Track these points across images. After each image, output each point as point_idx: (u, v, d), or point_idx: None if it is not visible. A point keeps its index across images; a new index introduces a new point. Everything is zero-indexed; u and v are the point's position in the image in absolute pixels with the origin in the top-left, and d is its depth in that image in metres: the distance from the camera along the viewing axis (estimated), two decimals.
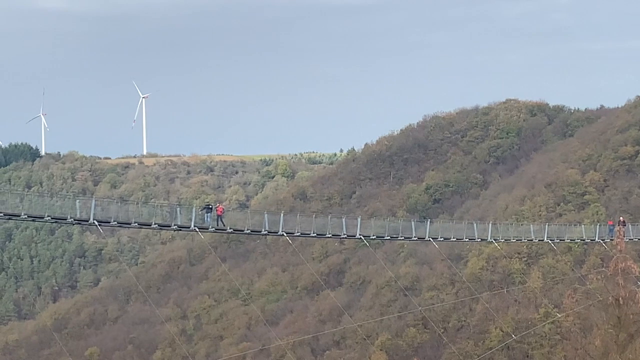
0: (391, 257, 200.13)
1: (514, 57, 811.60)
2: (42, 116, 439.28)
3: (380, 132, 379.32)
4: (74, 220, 67.76)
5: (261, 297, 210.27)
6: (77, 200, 69.56)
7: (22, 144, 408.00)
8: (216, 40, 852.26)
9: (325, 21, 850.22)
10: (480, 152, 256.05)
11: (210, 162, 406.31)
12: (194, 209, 75.15)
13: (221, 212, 76.65)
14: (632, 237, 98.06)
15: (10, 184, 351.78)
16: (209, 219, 75.21)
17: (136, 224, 72.24)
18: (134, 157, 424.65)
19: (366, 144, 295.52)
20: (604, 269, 67.06)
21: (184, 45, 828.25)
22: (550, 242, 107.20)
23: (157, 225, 73.47)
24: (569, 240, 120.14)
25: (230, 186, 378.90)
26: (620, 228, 69.21)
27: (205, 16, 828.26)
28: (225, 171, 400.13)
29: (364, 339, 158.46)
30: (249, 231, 79.52)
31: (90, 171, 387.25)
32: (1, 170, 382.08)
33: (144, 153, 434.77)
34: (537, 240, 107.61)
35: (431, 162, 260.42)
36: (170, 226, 74.50)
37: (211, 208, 76.09)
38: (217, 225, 75.85)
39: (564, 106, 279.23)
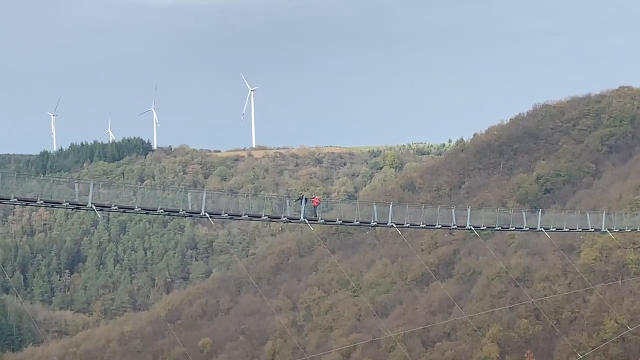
0: (501, 248, 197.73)
1: (627, 43, 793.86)
2: (153, 111, 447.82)
3: (490, 122, 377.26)
4: (186, 212, 68.71)
5: (371, 289, 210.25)
6: (189, 193, 70.46)
7: (134, 138, 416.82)
8: (323, 33, 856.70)
9: (430, 11, 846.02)
10: (592, 140, 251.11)
11: (319, 154, 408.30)
12: (303, 201, 75.18)
13: (317, 203, 76.45)
14: None
15: (123, 177, 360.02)
16: (305, 210, 75.01)
17: (246, 216, 72.73)
18: (243, 149, 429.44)
19: (475, 134, 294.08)
20: None
21: (292, 38, 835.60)
22: None
23: (266, 217, 73.89)
24: None
25: (339, 178, 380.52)
26: None
27: (311, 9, 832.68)
28: (334, 163, 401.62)
29: (475, 330, 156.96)
30: (358, 222, 79.48)
31: (200, 164, 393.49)
32: (115, 164, 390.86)
33: (253, 146, 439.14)
34: None
35: (542, 151, 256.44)
36: (279, 218, 74.82)
37: (306, 199, 75.88)
38: (313, 216, 75.64)
39: None
